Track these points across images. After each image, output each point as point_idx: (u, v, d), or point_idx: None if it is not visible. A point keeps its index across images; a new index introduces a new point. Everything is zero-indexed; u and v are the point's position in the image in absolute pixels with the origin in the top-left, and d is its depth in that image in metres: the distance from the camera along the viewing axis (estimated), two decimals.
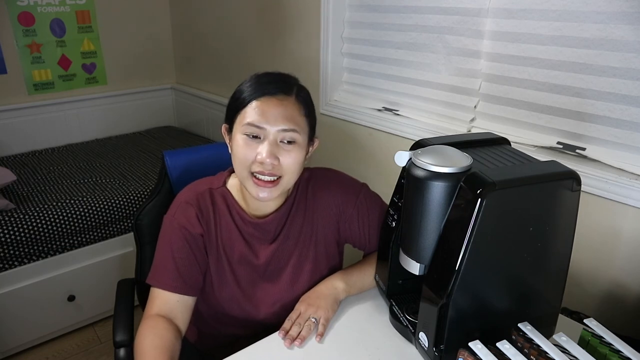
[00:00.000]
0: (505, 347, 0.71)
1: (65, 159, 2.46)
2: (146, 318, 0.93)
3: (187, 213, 0.97)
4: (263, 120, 0.88)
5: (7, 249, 1.76)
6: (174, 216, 0.97)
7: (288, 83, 0.93)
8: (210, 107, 2.74)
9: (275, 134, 0.88)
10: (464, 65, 1.53)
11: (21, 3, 2.42)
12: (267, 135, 0.88)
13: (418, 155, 0.78)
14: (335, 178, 1.07)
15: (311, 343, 0.90)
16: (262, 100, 0.89)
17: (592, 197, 1.24)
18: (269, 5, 2.17)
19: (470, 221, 0.70)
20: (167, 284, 0.94)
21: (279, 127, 0.88)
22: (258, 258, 1.00)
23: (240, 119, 0.90)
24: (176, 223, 0.96)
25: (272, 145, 0.88)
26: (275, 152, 0.88)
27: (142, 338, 0.89)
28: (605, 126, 1.24)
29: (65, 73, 2.65)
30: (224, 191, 1.01)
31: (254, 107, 0.89)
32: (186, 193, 1.01)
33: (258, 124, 0.88)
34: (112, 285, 1.27)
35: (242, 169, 0.91)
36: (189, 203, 0.98)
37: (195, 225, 0.96)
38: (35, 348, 1.94)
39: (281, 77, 0.95)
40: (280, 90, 0.90)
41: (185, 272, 0.95)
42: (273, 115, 0.88)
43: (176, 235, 0.96)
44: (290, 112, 0.90)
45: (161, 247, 0.98)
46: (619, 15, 1.15)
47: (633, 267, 1.21)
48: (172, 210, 0.99)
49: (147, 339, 0.88)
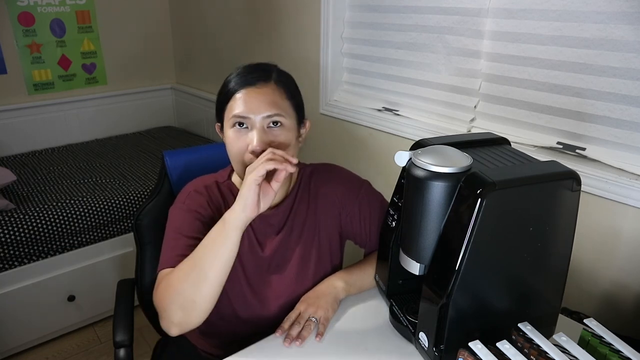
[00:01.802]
0: (505, 347, 0.71)
1: (65, 159, 2.46)
2: (156, 290, 0.88)
3: (198, 199, 0.97)
4: (247, 109, 0.90)
5: (7, 249, 1.76)
6: (183, 203, 0.97)
7: (266, 70, 0.96)
8: (210, 107, 2.74)
9: (261, 121, 0.90)
10: (464, 65, 1.53)
11: (21, 3, 2.42)
12: (253, 124, 0.90)
13: (418, 155, 0.78)
14: (337, 173, 1.09)
15: (311, 343, 0.90)
16: (243, 92, 0.91)
17: (592, 197, 1.24)
18: (269, 5, 2.17)
19: (470, 221, 0.70)
20: (181, 255, 0.89)
21: (262, 114, 0.90)
22: (264, 250, 1.01)
23: (228, 113, 0.93)
24: (186, 207, 0.96)
25: (260, 132, 0.90)
26: (265, 138, 0.90)
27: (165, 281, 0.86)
28: (605, 126, 1.24)
29: (65, 73, 2.65)
30: (229, 184, 1.03)
31: (237, 99, 0.91)
32: (193, 185, 1.01)
33: (243, 114, 0.90)
34: (112, 286, 1.27)
35: (237, 162, 0.93)
36: (198, 192, 0.99)
37: (207, 208, 0.97)
38: (35, 348, 1.94)
39: (260, 66, 0.97)
40: (259, 78, 0.93)
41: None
42: (255, 103, 0.90)
43: (188, 218, 0.95)
44: (271, 98, 0.91)
45: (170, 234, 0.95)
46: (619, 15, 1.15)
47: (633, 267, 1.21)
48: (180, 199, 0.99)
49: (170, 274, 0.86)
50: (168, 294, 0.84)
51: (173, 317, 0.84)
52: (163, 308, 0.85)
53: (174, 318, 0.84)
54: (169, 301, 0.84)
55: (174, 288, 0.84)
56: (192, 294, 0.83)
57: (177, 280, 0.84)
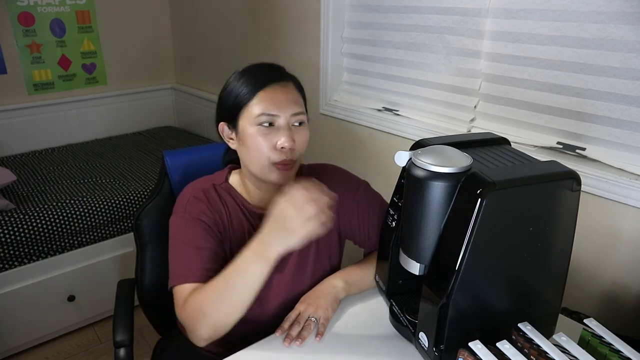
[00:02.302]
0: (505, 347, 0.71)
1: (65, 159, 2.46)
2: (183, 308, 0.88)
3: (198, 206, 0.96)
4: (275, 107, 0.91)
5: (7, 249, 1.76)
6: (185, 211, 0.96)
7: (281, 71, 0.98)
8: (210, 107, 2.74)
9: (288, 119, 0.92)
10: (464, 65, 1.53)
11: (21, 3, 2.42)
12: (280, 121, 0.91)
13: (418, 155, 0.78)
14: (335, 172, 1.09)
15: (311, 343, 0.90)
16: (266, 90, 0.92)
17: (592, 197, 1.24)
18: (269, 5, 2.17)
19: (470, 221, 0.70)
20: (197, 274, 0.89)
21: (290, 111, 0.92)
22: None
23: (249, 113, 0.92)
24: (189, 216, 0.95)
25: (288, 129, 0.92)
26: (292, 135, 0.92)
27: (197, 296, 0.86)
28: (605, 126, 1.24)
29: (65, 73, 2.65)
30: (227, 186, 1.02)
31: (261, 98, 0.91)
32: (190, 190, 1.00)
33: (271, 112, 0.91)
34: (112, 286, 1.27)
35: (262, 159, 0.92)
36: (197, 197, 0.98)
37: (208, 214, 0.96)
38: (35, 348, 1.94)
39: (272, 66, 0.99)
40: (279, 77, 0.95)
41: (212, 258, 0.92)
42: (284, 101, 0.92)
43: (195, 228, 0.94)
44: (294, 96, 0.94)
45: (179, 245, 0.94)
46: (619, 15, 1.15)
47: (633, 267, 1.21)
48: (181, 207, 0.97)
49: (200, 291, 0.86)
50: (198, 317, 0.85)
51: (203, 334, 0.86)
52: (192, 327, 0.86)
53: (204, 335, 0.86)
54: (199, 322, 0.85)
55: (203, 311, 0.84)
56: (225, 316, 0.84)
57: (208, 304, 0.84)
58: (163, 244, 1.00)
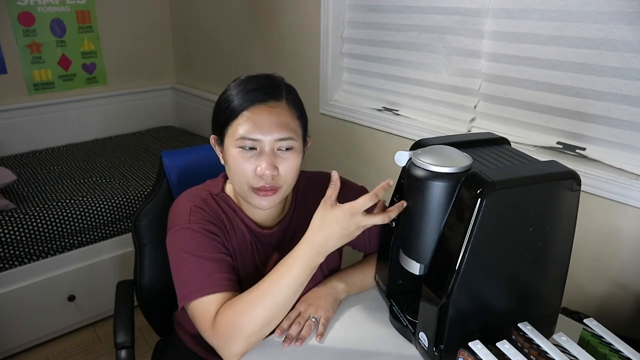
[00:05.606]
0: (505, 347, 0.70)
1: (65, 159, 2.46)
2: (213, 325, 0.83)
3: (203, 215, 0.92)
4: (257, 131, 0.85)
5: (7, 249, 1.76)
6: (190, 222, 0.90)
7: (276, 86, 0.90)
8: (210, 107, 2.68)
9: (271, 144, 0.86)
10: (464, 65, 1.53)
11: (21, 3, 2.42)
12: (263, 146, 0.86)
13: (418, 155, 0.78)
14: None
15: (311, 343, 0.89)
16: (252, 110, 0.86)
17: (592, 197, 1.24)
18: (269, 5, 2.17)
19: (470, 221, 0.70)
20: (220, 284, 0.85)
21: (274, 136, 0.86)
22: (265, 268, 1.00)
23: (232, 132, 0.88)
24: (196, 227, 0.90)
25: (269, 156, 0.86)
26: (274, 162, 0.87)
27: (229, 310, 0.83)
28: (605, 126, 1.24)
29: (65, 73, 2.65)
30: (225, 197, 0.99)
31: (245, 119, 0.86)
32: (189, 200, 0.95)
33: (252, 137, 0.85)
34: (112, 286, 1.27)
35: (242, 183, 0.89)
36: (199, 207, 0.93)
37: (212, 225, 0.93)
38: (35, 348, 1.94)
39: (268, 80, 0.91)
40: (269, 96, 0.87)
41: (230, 268, 0.90)
42: (267, 125, 0.85)
43: (204, 238, 0.89)
44: (283, 119, 0.87)
45: (189, 259, 0.87)
46: (619, 15, 1.15)
47: (633, 267, 1.21)
48: (181, 219, 0.92)
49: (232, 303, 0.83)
50: (233, 333, 0.81)
51: (238, 351, 0.82)
52: (223, 344, 0.82)
53: (240, 351, 0.82)
54: (234, 338, 0.81)
55: (240, 326, 0.80)
56: (262, 329, 0.82)
57: (249, 319, 0.80)
58: (161, 245, 0.98)
